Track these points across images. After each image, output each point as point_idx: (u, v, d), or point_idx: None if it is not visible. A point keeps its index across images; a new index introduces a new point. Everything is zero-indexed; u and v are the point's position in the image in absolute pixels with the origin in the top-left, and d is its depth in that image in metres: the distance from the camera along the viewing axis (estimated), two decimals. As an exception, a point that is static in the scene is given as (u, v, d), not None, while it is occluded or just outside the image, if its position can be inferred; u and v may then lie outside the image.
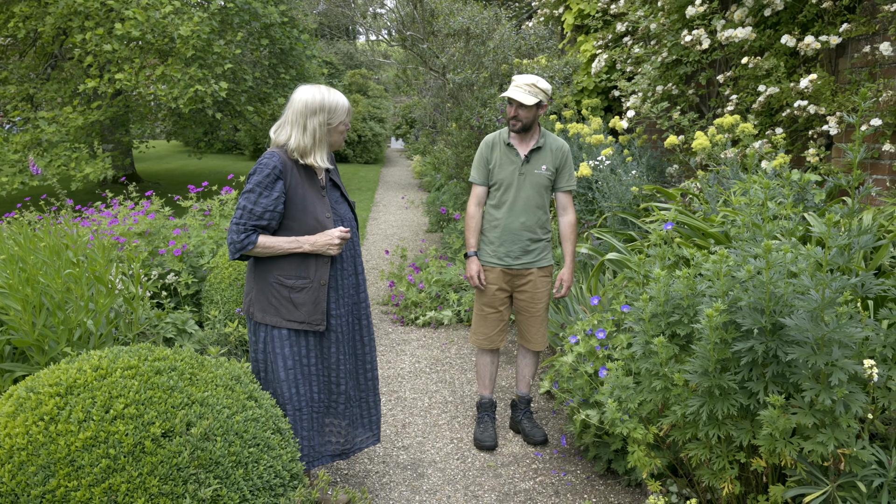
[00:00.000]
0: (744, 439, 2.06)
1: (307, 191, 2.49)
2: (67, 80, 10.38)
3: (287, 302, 2.49)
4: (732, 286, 2.12)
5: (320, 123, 2.46)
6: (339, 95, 2.52)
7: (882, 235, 2.79)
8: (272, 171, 2.41)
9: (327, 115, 2.46)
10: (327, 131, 2.49)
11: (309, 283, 2.50)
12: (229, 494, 1.88)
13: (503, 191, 3.24)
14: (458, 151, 7.15)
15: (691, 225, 3.34)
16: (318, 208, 2.50)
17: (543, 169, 3.22)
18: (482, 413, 3.47)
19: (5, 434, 1.82)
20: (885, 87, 3.66)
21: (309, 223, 2.48)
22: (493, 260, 3.28)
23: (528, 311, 3.32)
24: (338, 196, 2.66)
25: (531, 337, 3.36)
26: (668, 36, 5.32)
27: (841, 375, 1.79)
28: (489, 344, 3.37)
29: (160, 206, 5.38)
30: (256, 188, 2.41)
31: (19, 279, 2.56)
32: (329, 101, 2.47)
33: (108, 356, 2.06)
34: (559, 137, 3.40)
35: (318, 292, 2.51)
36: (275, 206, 2.41)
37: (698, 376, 2.10)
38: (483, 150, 3.30)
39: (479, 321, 3.37)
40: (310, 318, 2.51)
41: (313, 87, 2.49)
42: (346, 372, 2.68)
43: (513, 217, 3.21)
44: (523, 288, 3.29)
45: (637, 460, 2.35)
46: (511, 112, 3.15)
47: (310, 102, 2.44)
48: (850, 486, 1.91)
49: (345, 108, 2.52)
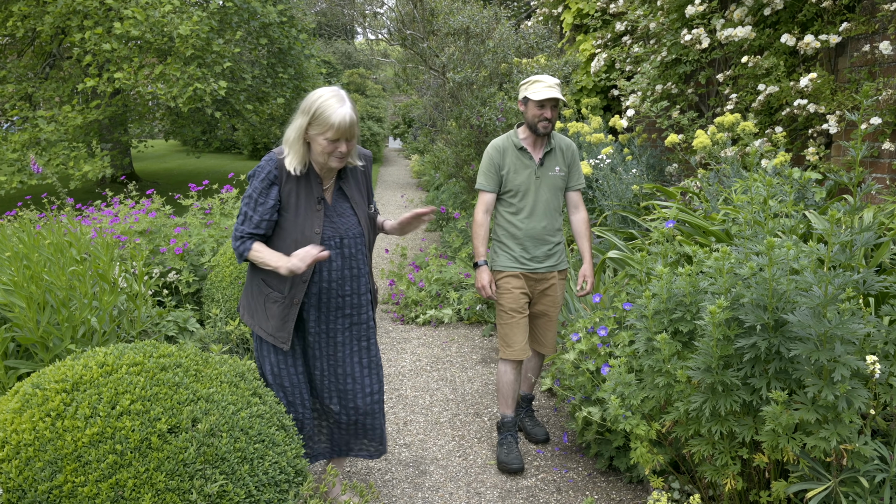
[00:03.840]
0: (746, 435, 2.07)
1: (300, 200, 2.34)
2: (66, 79, 10.37)
3: (262, 309, 2.43)
4: (735, 283, 2.13)
5: (300, 126, 2.26)
6: (339, 107, 2.21)
7: (883, 233, 2.81)
8: (266, 175, 2.31)
9: (308, 119, 2.24)
10: (311, 136, 2.27)
11: (282, 298, 2.38)
12: (235, 490, 1.89)
13: (521, 196, 3.12)
14: (458, 150, 7.16)
15: (692, 223, 3.35)
16: (306, 221, 2.34)
17: (557, 170, 3.16)
18: (504, 433, 3.24)
19: (12, 430, 1.83)
20: (884, 86, 3.67)
21: (293, 235, 2.34)
22: (514, 265, 3.15)
23: (547, 315, 3.26)
24: (345, 208, 2.44)
25: (546, 341, 3.31)
26: (668, 35, 5.34)
27: (844, 371, 1.81)
28: (524, 353, 3.18)
29: (161, 205, 5.38)
30: (254, 194, 2.32)
31: (24, 276, 2.56)
32: (317, 105, 2.21)
33: (114, 353, 2.06)
34: (564, 135, 3.35)
35: (289, 310, 2.38)
36: (270, 214, 2.31)
37: (701, 373, 2.11)
38: (493, 156, 3.14)
39: (510, 331, 3.16)
40: (275, 333, 2.41)
41: (328, 88, 2.28)
42: (335, 390, 2.56)
43: (534, 222, 3.12)
44: (546, 292, 3.21)
45: (640, 457, 2.36)
46: (547, 114, 3.01)
47: (305, 101, 2.27)
48: (853, 482, 1.92)
49: (328, 121, 2.19)
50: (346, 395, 2.58)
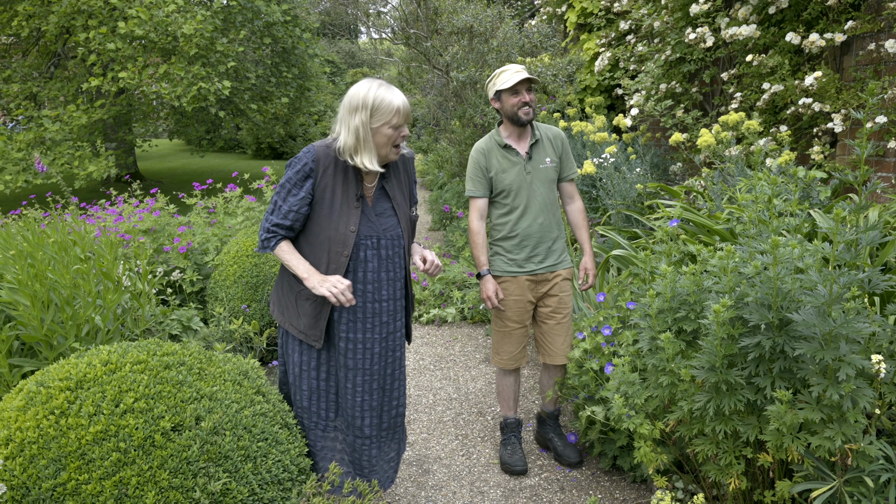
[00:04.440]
0: (750, 435, 2.06)
1: (336, 196, 2.28)
2: (71, 78, 10.40)
3: (294, 306, 2.37)
4: (739, 282, 2.13)
5: (362, 122, 2.21)
6: (390, 92, 2.23)
7: (888, 232, 2.80)
8: (303, 167, 2.26)
9: (368, 112, 2.20)
10: (372, 132, 2.24)
11: (314, 296, 2.30)
12: (238, 488, 1.89)
13: (513, 196, 2.98)
14: (461, 149, 7.16)
15: (696, 222, 3.34)
16: (341, 219, 2.28)
17: (548, 162, 3.01)
18: (508, 434, 3.20)
19: (16, 427, 1.83)
20: (890, 85, 3.66)
21: (326, 232, 2.29)
22: (513, 269, 3.01)
23: (553, 319, 3.06)
24: (385, 208, 2.39)
25: (557, 349, 3.07)
26: (672, 34, 5.32)
27: (849, 370, 1.80)
28: (514, 364, 3.12)
29: (165, 204, 5.40)
30: (287, 184, 2.27)
31: (28, 275, 2.57)
32: (373, 97, 2.20)
33: (118, 351, 2.07)
34: (549, 125, 3.17)
35: (321, 308, 2.32)
36: (299, 206, 2.26)
37: (705, 372, 2.10)
38: (478, 160, 3.00)
39: (502, 339, 3.09)
40: (307, 331, 2.35)
41: (367, 80, 2.26)
42: (368, 408, 2.43)
43: (530, 220, 2.98)
44: (550, 292, 3.04)
45: (643, 456, 2.36)
46: (525, 98, 2.88)
47: (353, 98, 2.22)
48: (857, 482, 1.91)
49: (391, 107, 2.21)
50: (380, 409, 2.47)
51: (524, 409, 3.76)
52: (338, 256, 2.28)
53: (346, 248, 2.28)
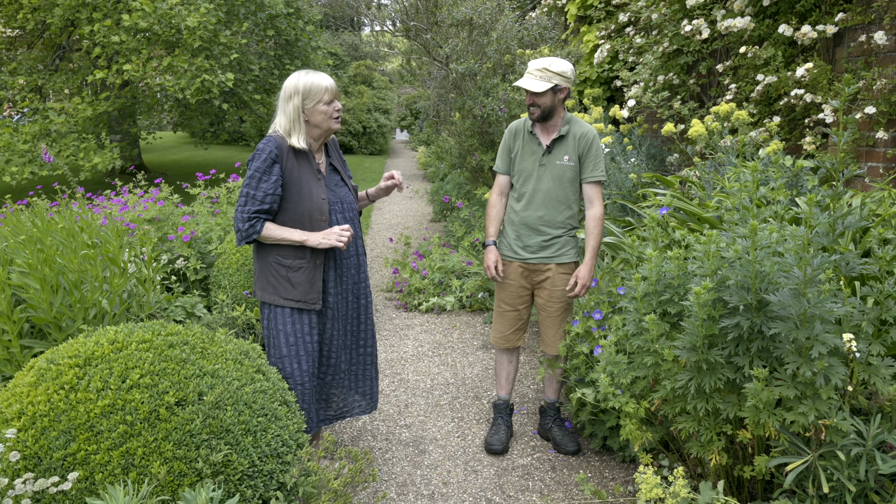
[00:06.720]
0: (730, 412, 2.15)
1: (303, 174, 2.59)
2: (76, 71, 10.48)
3: (285, 281, 2.60)
4: (721, 266, 2.21)
5: (295, 107, 2.55)
6: (317, 76, 2.58)
7: (872, 219, 2.87)
8: (268, 155, 2.52)
9: (301, 97, 2.55)
10: (308, 111, 2.57)
11: (305, 263, 2.59)
12: (239, 460, 1.98)
13: (523, 182, 3.07)
14: (461, 141, 7.22)
15: (687, 210, 3.42)
16: (313, 190, 2.60)
17: (566, 160, 3.00)
18: (496, 414, 3.33)
19: (28, 402, 1.93)
20: (879, 76, 3.72)
21: (305, 205, 2.58)
22: (509, 253, 3.13)
23: (545, 310, 3.15)
24: (338, 180, 2.76)
25: (549, 338, 3.17)
26: (669, 26, 5.38)
27: (821, 349, 1.88)
28: (504, 343, 3.24)
29: (169, 194, 5.49)
30: (255, 174, 2.52)
31: (38, 259, 2.67)
32: (303, 82, 2.55)
33: (124, 331, 2.16)
34: (586, 122, 3.17)
35: (314, 272, 2.62)
36: (274, 189, 2.52)
37: (687, 352, 2.19)
38: (507, 138, 3.13)
39: (497, 318, 3.25)
40: (306, 297, 2.61)
41: (297, 72, 2.60)
42: (338, 347, 2.79)
43: (531, 210, 3.04)
44: (542, 284, 3.12)
45: (629, 433, 2.45)
46: (527, 101, 2.96)
47: (287, 88, 2.56)
48: (831, 456, 2.00)
49: (320, 87, 2.56)
50: (348, 348, 2.87)
51: (519, 394, 3.85)
52: (319, 223, 2.61)
53: (324, 214, 2.62)
